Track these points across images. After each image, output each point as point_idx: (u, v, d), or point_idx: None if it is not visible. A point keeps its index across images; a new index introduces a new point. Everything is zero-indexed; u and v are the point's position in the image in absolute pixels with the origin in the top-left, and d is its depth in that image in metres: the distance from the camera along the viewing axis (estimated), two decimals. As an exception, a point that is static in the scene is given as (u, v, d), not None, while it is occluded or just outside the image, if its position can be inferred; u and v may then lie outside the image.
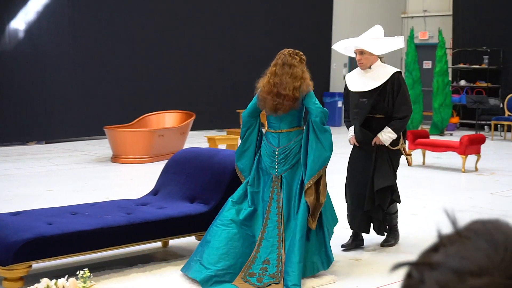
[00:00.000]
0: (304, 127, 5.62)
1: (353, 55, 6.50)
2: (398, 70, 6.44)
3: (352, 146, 6.52)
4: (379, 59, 6.43)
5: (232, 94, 17.89)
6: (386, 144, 6.28)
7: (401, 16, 22.64)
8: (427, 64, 21.64)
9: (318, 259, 5.46)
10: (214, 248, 5.37)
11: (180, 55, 16.90)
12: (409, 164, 6.76)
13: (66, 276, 4.47)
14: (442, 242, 0.81)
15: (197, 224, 5.89)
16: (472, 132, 16.46)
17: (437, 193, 9.48)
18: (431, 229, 6.57)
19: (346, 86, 6.64)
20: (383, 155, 6.32)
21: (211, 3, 17.47)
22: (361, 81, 6.42)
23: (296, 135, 5.62)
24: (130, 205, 6.05)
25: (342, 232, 6.53)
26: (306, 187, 5.39)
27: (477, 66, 19.44)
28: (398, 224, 6.67)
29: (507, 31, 18.68)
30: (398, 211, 6.65)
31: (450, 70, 19.01)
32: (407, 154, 6.56)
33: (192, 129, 13.60)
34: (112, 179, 10.51)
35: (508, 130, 17.12)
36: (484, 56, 19.34)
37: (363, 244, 6.50)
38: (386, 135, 6.26)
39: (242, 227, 5.48)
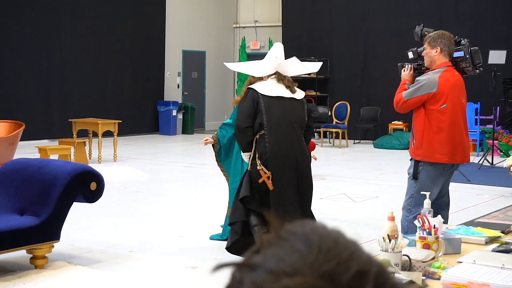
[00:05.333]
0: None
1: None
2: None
3: None
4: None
5: (63, 103, 17.44)
6: None
7: (233, 26, 23.02)
8: (259, 73, 22.07)
9: None
10: None
11: (5, 61, 16.29)
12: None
13: None
14: (263, 244, 0.83)
15: (27, 238, 5.69)
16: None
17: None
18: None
19: None
20: None
21: (37, 6, 16.97)
22: None
23: None
24: (-46, 220, 5.75)
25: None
26: None
27: (306, 76, 20.05)
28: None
29: (333, 42, 19.43)
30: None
31: (281, 79, 19.49)
32: None
33: (23, 140, 13.12)
34: None
35: (337, 137, 17.79)
36: (312, 66, 19.95)
37: None
38: None
39: None
